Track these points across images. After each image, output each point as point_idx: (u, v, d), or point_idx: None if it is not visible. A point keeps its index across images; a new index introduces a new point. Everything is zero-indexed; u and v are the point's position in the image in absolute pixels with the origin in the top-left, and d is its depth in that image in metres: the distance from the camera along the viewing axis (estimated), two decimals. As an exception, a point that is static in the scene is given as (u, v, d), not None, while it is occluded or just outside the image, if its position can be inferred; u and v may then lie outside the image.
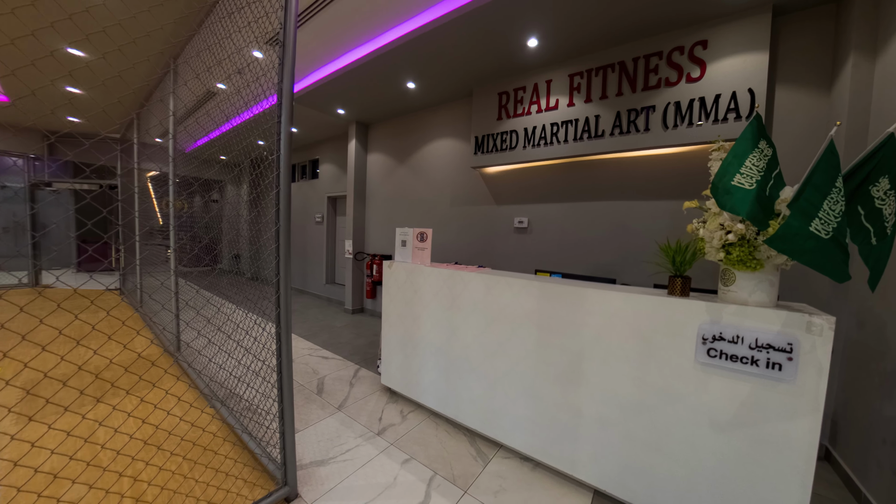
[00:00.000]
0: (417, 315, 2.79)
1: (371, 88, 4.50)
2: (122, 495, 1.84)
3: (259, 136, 2.09)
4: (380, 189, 5.95)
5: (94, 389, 2.69)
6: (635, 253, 3.37)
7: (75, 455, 1.74)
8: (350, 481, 2.07)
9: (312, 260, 7.61)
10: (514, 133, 3.91)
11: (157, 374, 3.04)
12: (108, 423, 2.30)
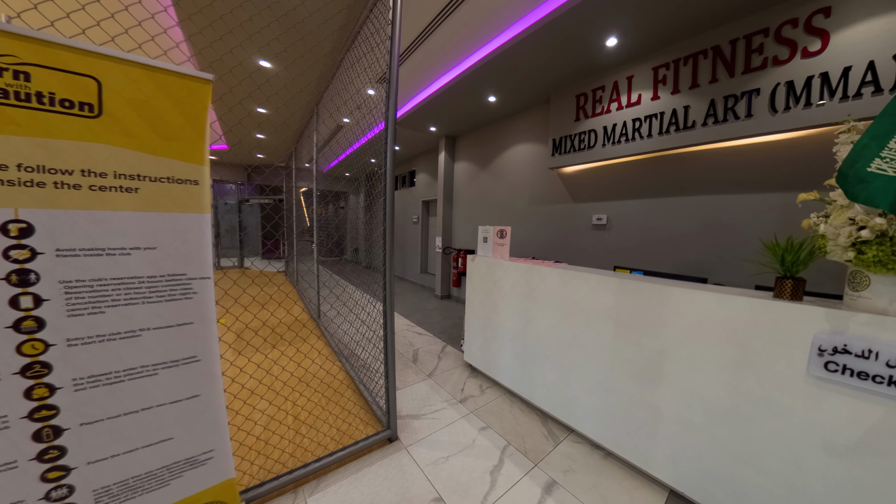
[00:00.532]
0: (496, 304, 2.77)
1: (457, 106, 4.58)
2: (287, 412, 2.32)
3: (372, 155, 2.35)
4: (464, 192, 6.08)
5: (272, 338, 3.42)
6: (731, 251, 2.73)
7: (262, 380, 2.30)
8: (436, 436, 2.19)
9: (410, 253, 8.24)
10: (592, 132, 3.52)
11: (306, 333, 3.73)
12: (279, 362, 2.91)
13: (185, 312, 1.25)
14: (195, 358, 1.29)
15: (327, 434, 2.10)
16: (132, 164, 1.12)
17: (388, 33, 1.80)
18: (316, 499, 1.66)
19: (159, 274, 1.19)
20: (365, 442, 2.00)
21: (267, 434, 2.03)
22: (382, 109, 1.87)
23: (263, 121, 5.31)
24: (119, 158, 1.10)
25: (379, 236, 1.96)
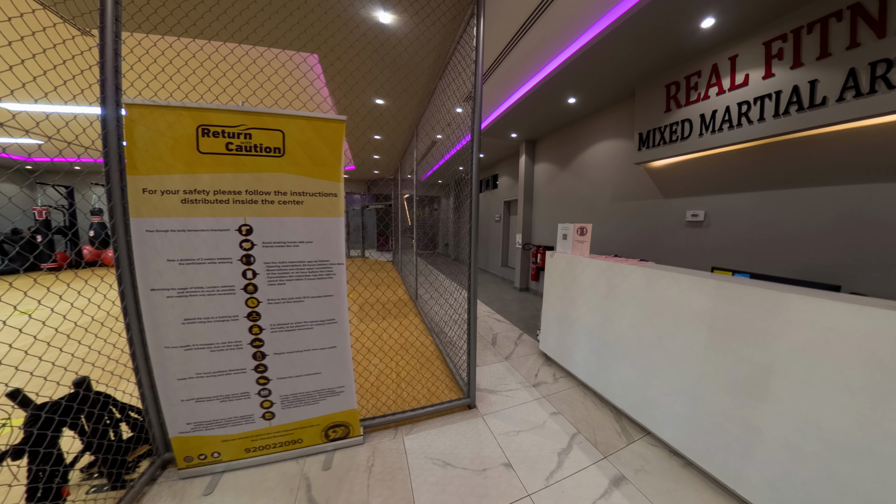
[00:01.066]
0: (574, 298, 2.73)
1: (537, 111, 4.57)
2: (392, 370, 2.82)
3: (460, 163, 2.60)
4: (544, 192, 6.00)
5: (382, 312, 4.19)
6: (876, 253, 2.11)
7: (375, 343, 2.93)
8: (510, 412, 2.30)
9: (492, 248, 8.63)
10: (686, 122, 3.11)
11: (407, 311, 4.46)
12: (388, 331, 3.53)
13: (329, 287, 1.70)
14: (334, 320, 1.74)
15: (420, 392, 2.44)
16: (299, 185, 1.60)
17: (472, 58, 1.99)
18: (410, 438, 2.00)
19: (314, 259, 1.66)
20: (448, 404, 2.25)
21: (378, 383, 2.54)
22: (469, 123, 2.06)
23: (378, 144, 6.38)
24: (293, 182, 1.59)
25: (465, 233, 2.17)
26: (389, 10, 2.28)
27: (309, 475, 1.72)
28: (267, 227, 1.59)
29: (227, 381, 1.65)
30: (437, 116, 3.30)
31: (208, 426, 1.68)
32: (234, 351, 1.63)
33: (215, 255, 1.56)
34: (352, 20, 2.32)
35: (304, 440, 1.83)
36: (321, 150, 1.62)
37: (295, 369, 1.72)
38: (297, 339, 1.69)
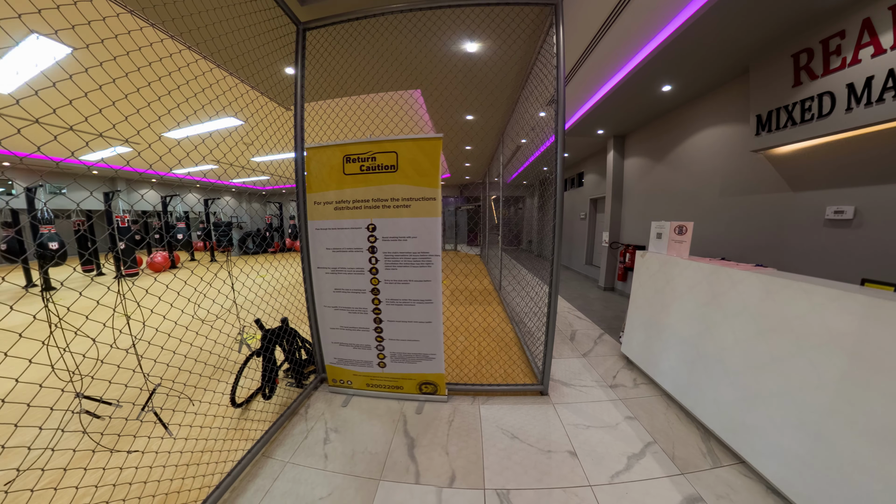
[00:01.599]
0: (666, 303, 2.47)
1: (626, 105, 4.21)
2: (475, 349, 3.11)
3: (544, 164, 2.63)
4: (635, 188, 5.45)
5: (469, 298, 4.69)
6: None
7: (462, 324, 3.37)
8: (582, 406, 2.25)
9: (576, 246, 8.33)
10: (826, 96, 2.46)
11: (490, 299, 4.83)
12: (472, 315, 3.87)
13: (428, 274, 2.07)
14: (430, 301, 2.11)
15: (496, 371, 2.62)
16: (408, 192, 2.01)
17: (553, 64, 2.01)
18: (485, 408, 2.20)
19: (418, 251, 2.05)
20: (522, 387, 2.36)
21: (462, 357, 2.89)
22: (552, 125, 2.09)
23: (469, 154, 7.01)
24: (404, 190, 2.01)
25: (549, 230, 2.21)
26: (475, 40, 2.57)
27: (406, 414, 2.17)
28: (385, 225, 2.07)
29: (357, 335, 2.24)
30: (522, 122, 3.45)
31: (345, 363, 2.32)
32: (362, 314, 2.19)
33: (353, 246, 2.13)
34: (445, 56, 2.71)
35: (405, 388, 2.30)
36: (424, 164, 1.99)
37: (401, 334, 2.18)
38: (404, 312, 2.14)
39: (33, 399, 1.04)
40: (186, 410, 2.06)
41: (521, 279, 4.04)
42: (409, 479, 1.67)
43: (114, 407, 1.96)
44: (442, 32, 2.33)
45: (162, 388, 2.07)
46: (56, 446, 1.39)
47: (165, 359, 1.69)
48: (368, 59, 2.43)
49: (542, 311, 2.41)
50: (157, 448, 1.71)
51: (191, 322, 1.86)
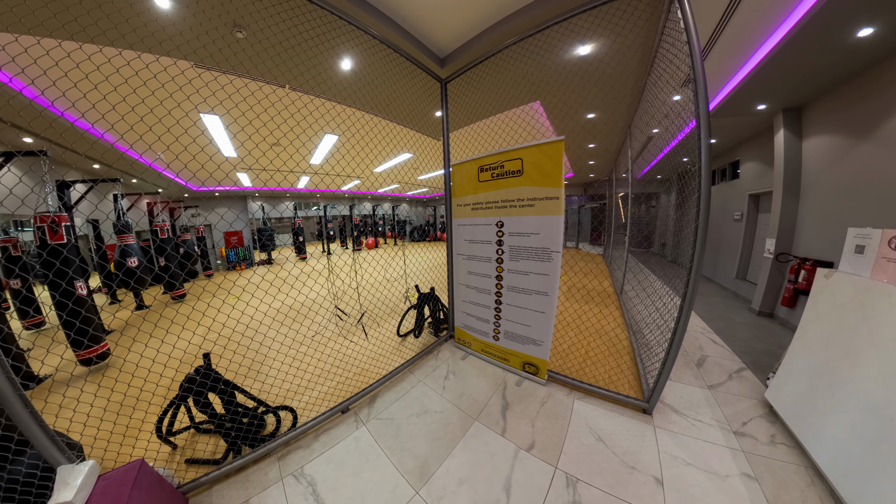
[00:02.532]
0: (857, 350, 1.56)
1: (799, 66, 2.58)
2: (581, 347, 2.88)
3: (683, 154, 2.13)
4: (820, 179, 3.21)
5: (585, 297, 4.31)
6: None
7: (573, 321, 3.17)
8: (688, 440, 1.79)
9: (725, 254, 5.80)
10: None
11: (608, 302, 4.29)
12: (586, 315, 3.54)
13: (547, 268, 2.12)
14: (546, 293, 2.15)
15: (600, 374, 2.39)
16: (532, 193, 2.10)
17: (683, 40, 1.65)
18: (579, 403, 2.10)
19: (539, 247, 2.14)
20: (623, 397, 2.07)
21: (568, 352, 2.77)
22: (692, 108, 1.69)
23: (592, 151, 6.38)
24: (528, 191, 2.12)
25: (689, 233, 1.76)
26: (587, 42, 2.38)
27: (507, 382, 2.36)
28: (512, 223, 2.26)
29: (480, 310, 2.58)
30: (651, 111, 2.89)
31: (469, 329, 2.74)
32: (486, 295, 2.52)
33: (484, 239, 2.45)
34: (559, 66, 2.55)
35: (510, 362, 2.49)
36: (547, 166, 2.04)
37: (516, 317, 2.35)
38: (521, 299, 2.29)
39: (320, 306, 2.03)
40: (375, 329, 3.30)
41: (648, 286, 3.28)
42: (496, 430, 1.90)
43: (347, 316, 3.58)
44: (552, 47, 2.29)
45: (367, 314, 3.48)
46: (326, 327, 2.87)
47: (369, 297, 2.90)
48: (492, 89, 2.72)
49: (668, 325, 1.96)
50: (360, 343, 3.00)
51: (381, 280, 2.87)
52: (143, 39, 1.94)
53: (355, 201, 14.90)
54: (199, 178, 7.53)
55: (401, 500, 1.51)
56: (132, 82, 1.65)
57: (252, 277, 7.40)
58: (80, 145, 4.08)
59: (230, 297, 5.53)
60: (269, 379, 2.53)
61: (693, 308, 1.77)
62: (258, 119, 3.02)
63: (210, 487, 1.63)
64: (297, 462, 1.76)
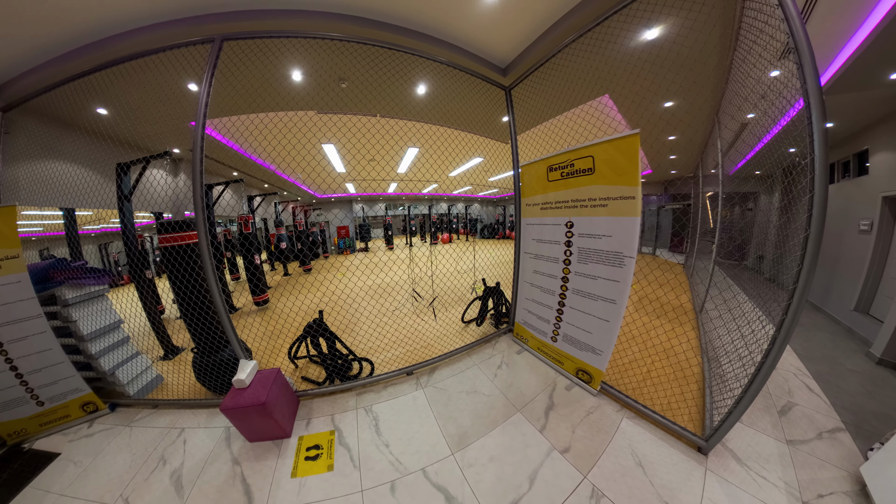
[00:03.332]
0: None
1: None
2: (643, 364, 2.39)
3: (789, 144, 1.54)
4: None
5: (657, 311, 3.54)
6: None
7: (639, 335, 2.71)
8: (742, 496, 1.43)
9: (842, 277, 3.65)
10: None
11: (684, 320, 3.45)
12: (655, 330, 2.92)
13: (618, 274, 1.87)
14: (614, 301, 1.90)
15: (658, 398, 2.03)
16: (605, 192, 1.88)
17: (773, 2, 1.29)
18: (627, 422, 1.86)
19: (611, 250, 1.89)
20: (679, 428, 1.73)
21: (628, 367, 2.37)
22: (797, 84, 1.26)
23: (673, 145, 5.21)
24: (601, 190, 1.90)
25: (796, 246, 1.31)
26: (653, 26, 1.98)
27: (557, 384, 2.23)
28: (582, 223, 2.07)
29: (542, 310, 2.47)
30: (743, 92, 2.20)
31: (528, 326, 2.66)
32: (550, 295, 2.38)
33: (552, 239, 2.32)
34: (626, 55, 2.19)
35: (564, 365, 2.31)
36: (621, 163, 1.78)
37: (578, 322, 2.16)
38: (586, 304, 2.08)
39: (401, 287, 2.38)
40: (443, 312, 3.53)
41: (736, 306, 2.44)
42: (536, 425, 1.84)
43: (421, 298, 3.93)
44: (615, 38, 2.02)
45: (438, 299, 3.78)
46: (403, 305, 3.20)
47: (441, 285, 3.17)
48: (557, 89, 2.50)
49: (753, 357, 1.53)
50: (429, 322, 3.32)
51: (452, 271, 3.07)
52: (288, 102, 2.84)
53: (433, 202, 16.02)
54: (321, 188, 9.82)
55: (438, 455, 1.67)
56: (283, 130, 2.35)
57: (353, 260, 9.22)
58: (257, 173, 6.14)
59: (338, 273, 6.93)
60: (358, 336, 3.12)
61: (790, 342, 1.35)
62: (359, 142, 3.78)
63: (312, 399, 2.18)
64: (368, 400, 2.14)
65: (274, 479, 1.61)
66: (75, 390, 2.11)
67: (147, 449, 1.87)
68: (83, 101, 2.24)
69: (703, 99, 3.11)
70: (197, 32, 1.96)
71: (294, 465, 1.69)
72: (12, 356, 1.93)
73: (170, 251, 2.25)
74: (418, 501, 1.45)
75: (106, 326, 2.32)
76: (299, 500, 1.50)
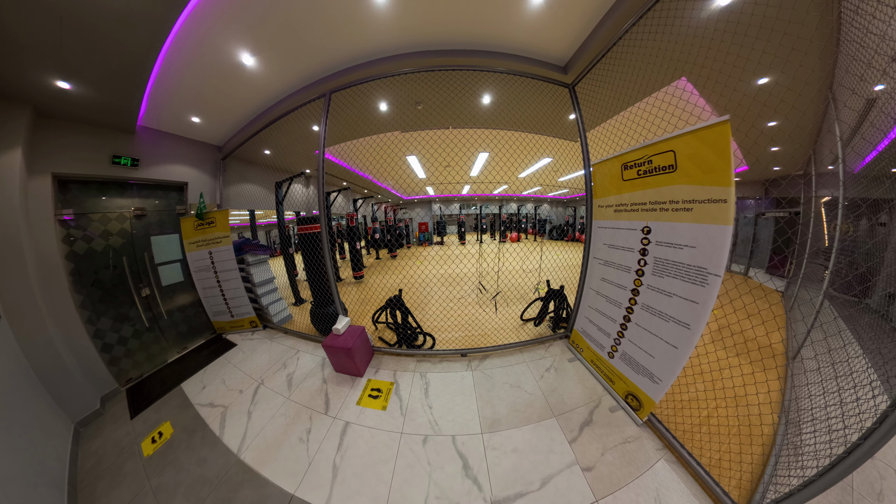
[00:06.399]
0: None
1: None
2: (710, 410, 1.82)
3: None
4: None
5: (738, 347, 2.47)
6: None
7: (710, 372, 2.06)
8: None
9: None
10: None
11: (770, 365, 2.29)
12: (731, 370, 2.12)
13: (697, 294, 1.50)
14: (688, 326, 1.53)
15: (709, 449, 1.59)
16: (690, 193, 1.52)
17: None
18: (664, 465, 1.54)
19: (693, 264, 1.53)
20: (720, 491, 1.38)
21: (685, 404, 1.87)
22: None
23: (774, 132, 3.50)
24: (684, 191, 1.55)
25: None
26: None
27: (602, 402, 2.00)
28: (661, 229, 1.72)
29: (604, 321, 2.19)
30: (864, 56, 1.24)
31: (586, 335, 2.42)
32: (615, 307, 2.08)
33: (625, 245, 2.00)
34: (700, 27, 1.60)
35: (614, 385, 2.02)
36: (708, 157, 1.41)
37: (641, 342, 1.84)
38: (654, 323, 1.75)
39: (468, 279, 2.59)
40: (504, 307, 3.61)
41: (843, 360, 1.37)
42: (567, 435, 1.74)
43: (486, 291, 4.17)
44: (681, 12, 1.69)
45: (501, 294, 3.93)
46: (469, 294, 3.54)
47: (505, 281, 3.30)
48: (624, 78, 2.08)
49: (847, 434, 1.12)
50: (489, 314, 3.46)
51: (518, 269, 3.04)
52: (378, 127, 3.47)
53: (503, 202, 15.73)
54: (406, 191, 11.23)
55: (469, 430, 1.79)
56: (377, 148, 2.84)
57: (430, 252, 10.19)
58: (358, 182, 7.55)
59: (417, 261, 7.78)
60: (427, 314, 3.50)
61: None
62: (436, 152, 4.17)
63: (382, 355, 2.64)
64: (425, 368, 2.43)
65: (345, 401, 2.11)
66: (248, 312, 3.35)
67: (278, 356, 2.78)
68: (258, 147, 3.53)
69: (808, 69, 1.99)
70: (314, 92, 2.66)
71: (360, 396, 2.15)
72: (223, 288, 3.26)
73: (303, 237, 3.17)
74: (441, 458, 1.64)
75: (266, 279, 3.57)
76: (358, 420, 1.93)
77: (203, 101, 2.70)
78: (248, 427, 1.90)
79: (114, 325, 2.53)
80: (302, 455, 1.68)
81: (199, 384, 2.40)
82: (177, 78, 2.27)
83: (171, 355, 2.92)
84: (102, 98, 2.13)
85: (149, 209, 2.98)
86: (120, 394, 2.37)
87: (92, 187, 2.56)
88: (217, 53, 2.13)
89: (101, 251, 2.53)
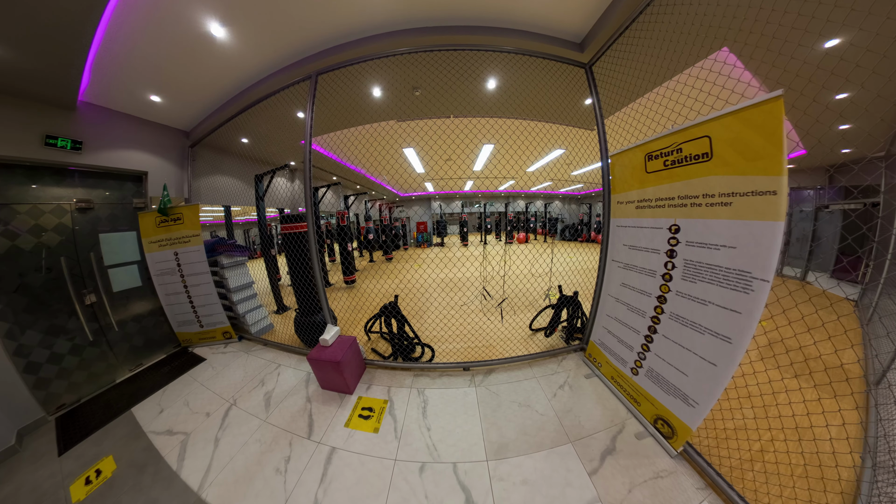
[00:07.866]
0: None
1: None
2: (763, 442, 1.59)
3: None
4: None
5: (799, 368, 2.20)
6: None
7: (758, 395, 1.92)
8: None
9: None
10: None
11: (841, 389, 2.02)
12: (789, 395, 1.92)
13: (739, 303, 1.38)
14: (729, 340, 1.41)
15: (766, 493, 1.42)
16: (729, 185, 1.41)
17: None
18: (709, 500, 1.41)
19: (732, 267, 1.41)
20: None
21: (729, 433, 1.73)
22: None
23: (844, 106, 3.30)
24: (721, 183, 1.44)
25: None
26: None
27: (625, 427, 1.85)
28: (692, 227, 1.61)
29: (626, 332, 2.08)
30: None
31: (605, 348, 2.30)
32: (639, 316, 1.97)
33: (650, 246, 1.89)
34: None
35: (641, 406, 1.89)
36: (754, 142, 1.30)
37: (671, 358, 1.72)
38: (686, 335, 1.63)
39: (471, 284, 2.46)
40: (511, 315, 3.49)
41: None
42: (586, 466, 1.62)
43: (490, 297, 4.04)
44: None
45: (507, 301, 3.84)
46: (472, 301, 3.36)
47: (512, 286, 3.20)
48: (651, 53, 1.90)
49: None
50: (494, 323, 3.32)
51: (526, 273, 2.92)
52: (371, 116, 3.33)
53: (510, 199, 15.50)
54: (403, 188, 10.95)
55: (472, 457, 1.68)
56: (370, 140, 2.71)
57: (429, 254, 9.98)
58: (350, 177, 7.33)
59: (415, 264, 7.67)
60: (425, 323, 3.40)
61: None
62: (435, 144, 4.01)
63: (376, 369, 2.52)
64: (423, 384, 2.32)
65: (331, 422, 1.99)
66: (221, 322, 3.19)
67: (255, 371, 2.64)
68: (233, 134, 3.28)
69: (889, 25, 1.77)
70: (298, 73, 2.54)
71: (349, 417, 2.04)
72: (191, 294, 3.06)
73: (288, 237, 3.04)
74: (441, 490, 1.51)
75: (243, 284, 3.42)
76: (345, 446, 1.81)
77: (163, 76, 2.46)
78: (214, 457, 1.76)
79: (44, 339, 2.20)
80: (278, 489, 1.56)
81: (156, 407, 2.20)
82: (127, 45, 2.01)
83: (120, 374, 2.63)
84: (28, 63, 1.79)
85: (97, 202, 2.64)
86: (46, 424, 2.09)
87: (17, 172, 2.20)
88: (177, 20, 1.90)
89: (29, 250, 2.20)
